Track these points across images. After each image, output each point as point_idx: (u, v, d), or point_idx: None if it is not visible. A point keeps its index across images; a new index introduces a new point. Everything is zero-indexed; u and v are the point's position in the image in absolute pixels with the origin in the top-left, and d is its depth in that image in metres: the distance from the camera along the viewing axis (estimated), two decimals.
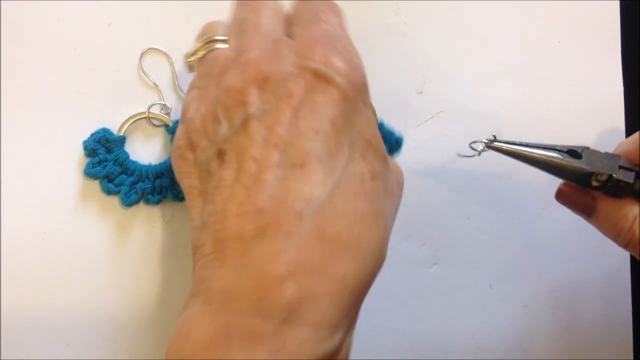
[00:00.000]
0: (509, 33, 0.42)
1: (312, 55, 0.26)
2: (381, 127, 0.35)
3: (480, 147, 0.35)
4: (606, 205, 0.33)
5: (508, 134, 0.41)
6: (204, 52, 0.32)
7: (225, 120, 0.27)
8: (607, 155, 0.33)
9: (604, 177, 0.32)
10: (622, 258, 0.41)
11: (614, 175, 0.32)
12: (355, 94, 0.26)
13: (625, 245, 0.33)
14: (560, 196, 0.36)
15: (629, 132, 0.42)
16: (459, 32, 0.41)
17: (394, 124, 0.37)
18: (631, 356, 0.41)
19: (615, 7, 0.42)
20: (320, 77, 0.25)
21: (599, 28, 0.42)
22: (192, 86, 0.31)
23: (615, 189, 0.32)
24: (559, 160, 0.33)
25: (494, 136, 0.34)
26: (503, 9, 0.42)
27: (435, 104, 0.41)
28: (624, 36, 0.42)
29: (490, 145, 0.34)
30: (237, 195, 0.25)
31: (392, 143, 0.35)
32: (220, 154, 0.27)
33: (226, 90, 0.27)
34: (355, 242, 0.24)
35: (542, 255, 0.41)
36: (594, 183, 0.32)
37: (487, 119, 0.41)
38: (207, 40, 0.32)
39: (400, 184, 0.29)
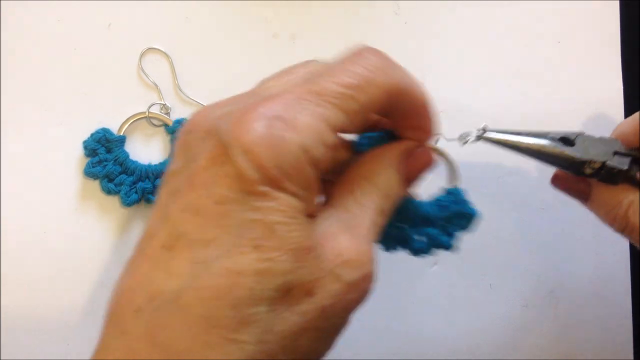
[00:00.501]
0: (509, 33, 0.42)
1: (235, 117, 0.22)
2: (457, 194, 0.30)
3: (472, 138, 0.33)
4: (601, 192, 0.33)
5: None
6: None
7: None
8: (602, 140, 0.33)
9: (597, 165, 0.31)
10: (622, 258, 0.41)
11: (607, 162, 0.31)
12: (260, 175, 0.21)
13: (621, 231, 0.33)
14: (556, 181, 0.35)
15: None
16: (458, 32, 0.41)
17: None
18: (631, 356, 0.41)
19: (615, 7, 0.42)
20: (222, 147, 0.21)
21: (599, 28, 0.42)
22: None
23: (609, 176, 0.32)
24: (550, 148, 0.32)
25: (485, 126, 0.33)
26: (503, 10, 0.42)
27: (435, 104, 0.41)
28: (624, 36, 0.42)
29: (481, 136, 0.33)
30: (125, 267, 0.23)
31: (464, 220, 0.30)
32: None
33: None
34: (196, 355, 0.20)
35: (542, 255, 0.41)
36: (587, 170, 0.32)
37: (487, 119, 0.41)
38: None
39: (346, 285, 0.23)
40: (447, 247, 0.29)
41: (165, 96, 0.39)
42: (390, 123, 0.28)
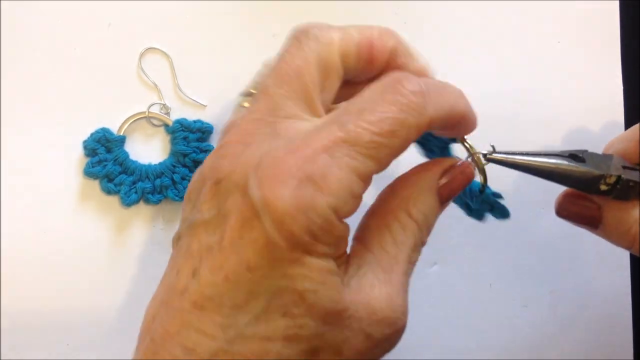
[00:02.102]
0: (509, 33, 0.41)
1: (264, 175, 0.21)
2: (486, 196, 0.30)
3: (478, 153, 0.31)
4: (614, 212, 0.30)
5: (508, 134, 0.41)
6: (240, 102, 0.27)
7: (190, 204, 0.24)
8: (606, 156, 0.31)
9: (612, 180, 0.29)
10: (622, 258, 0.41)
11: (622, 176, 0.29)
12: (290, 243, 0.20)
13: None
14: (562, 210, 0.32)
15: None
16: (458, 32, 0.41)
17: None
18: (631, 356, 0.41)
19: (615, 7, 0.42)
20: (252, 209, 0.21)
21: (599, 28, 0.42)
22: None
23: (624, 191, 0.29)
24: (565, 166, 0.29)
25: (493, 147, 0.30)
26: (503, 9, 0.42)
27: None
28: (624, 36, 0.42)
29: (489, 157, 0.30)
30: (153, 307, 0.24)
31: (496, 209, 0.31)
32: (177, 239, 0.24)
33: (201, 171, 0.24)
34: None
35: (542, 255, 0.41)
36: (602, 187, 0.29)
37: (487, 119, 0.41)
38: (247, 92, 0.26)
39: (376, 341, 0.23)
40: (477, 215, 0.30)
41: (165, 96, 0.39)
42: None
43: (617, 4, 0.42)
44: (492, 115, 0.41)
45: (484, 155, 0.30)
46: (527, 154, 0.30)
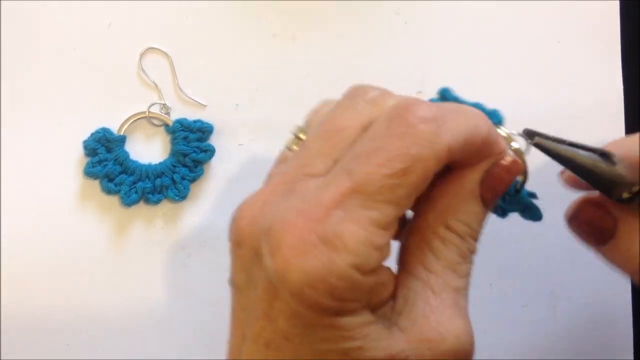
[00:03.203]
0: (509, 33, 0.41)
1: (276, 239, 0.19)
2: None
3: (517, 145, 0.26)
4: (631, 226, 0.27)
5: None
6: (288, 145, 0.25)
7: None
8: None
9: (636, 189, 0.26)
10: None
11: None
12: (316, 312, 0.19)
13: None
14: (575, 217, 0.29)
15: (628, 132, 0.42)
16: (459, 33, 0.41)
17: None
18: (631, 356, 0.41)
19: (615, 7, 0.42)
20: (271, 282, 0.20)
21: (599, 28, 0.42)
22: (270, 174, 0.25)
23: None
24: (604, 166, 0.26)
25: (534, 131, 0.27)
26: (503, 9, 0.42)
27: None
28: (624, 36, 0.42)
29: (536, 143, 0.26)
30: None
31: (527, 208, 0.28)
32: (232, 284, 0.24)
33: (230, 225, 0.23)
34: None
35: (542, 255, 0.41)
36: (625, 194, 0.26)
37: None
38: (296, 134, 0.25)
39: None
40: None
41: (165, 96, 0.39)
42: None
43: (617, 4, 0.42)
44: None
45: (528, 136, 0.26)
46: (569, 143, 0.27)
